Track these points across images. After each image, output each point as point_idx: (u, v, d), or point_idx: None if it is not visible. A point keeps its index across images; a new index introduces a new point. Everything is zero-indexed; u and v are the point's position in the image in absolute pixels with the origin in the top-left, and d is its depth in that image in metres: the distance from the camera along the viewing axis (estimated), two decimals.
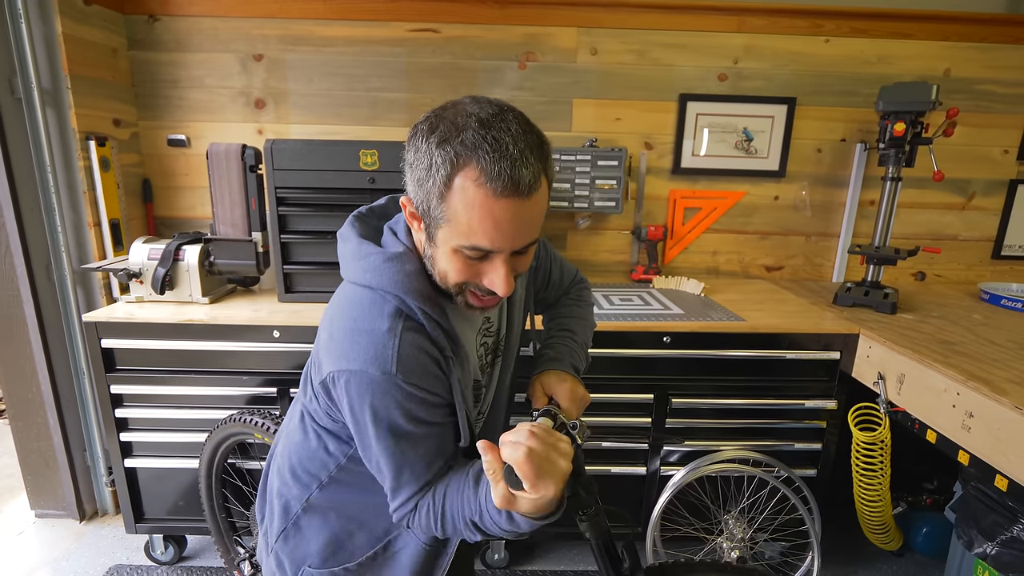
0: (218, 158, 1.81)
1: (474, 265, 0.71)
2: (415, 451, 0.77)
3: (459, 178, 0.64)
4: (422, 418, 0.75)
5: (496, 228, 0.65)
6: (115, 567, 1.94)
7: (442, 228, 0.69)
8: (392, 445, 0.75)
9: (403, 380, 0.71)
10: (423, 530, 0.80)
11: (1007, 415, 1.19)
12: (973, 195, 2.32)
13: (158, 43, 2.08)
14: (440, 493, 0.78)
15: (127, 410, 1.78)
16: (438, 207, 0.67)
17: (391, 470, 0.77)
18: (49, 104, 1.84)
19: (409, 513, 0.80)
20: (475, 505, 0.75)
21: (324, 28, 2.09)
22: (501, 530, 0.74)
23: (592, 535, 0.83)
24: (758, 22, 2.12)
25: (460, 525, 0.77)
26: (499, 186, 0.63)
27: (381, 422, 0.74)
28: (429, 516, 0.78)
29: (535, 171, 0.65)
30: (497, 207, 0.64)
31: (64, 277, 1.95)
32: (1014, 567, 1.36)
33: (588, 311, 1.12)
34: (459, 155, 0.63)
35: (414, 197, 0.71)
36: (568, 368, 0.96)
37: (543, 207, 0.70)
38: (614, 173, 2.11)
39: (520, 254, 0.72)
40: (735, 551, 1.80)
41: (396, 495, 0.79)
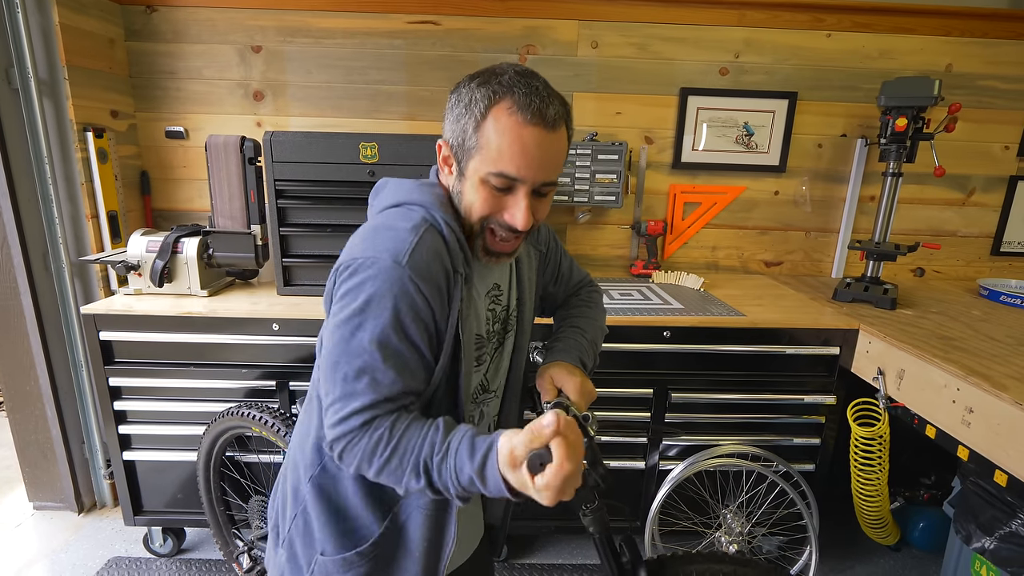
0: (217, 150, 1.80)
1: (498, 197, 0.77)
2: (386, 361, 0.73)
3: (495, 109, 0.73)
4: (409, 334, 0.74)
5: (523, 153, 0.73)
6: (114, 559, 1.94)
7: (474, 158, 0.76)
8: (367, 344, 0.72)
9: (410, 275, 0.73)
10: (356, 460, 0.74)
11: (1007, 410, 1.19)
12: (973, 191, 2.32)
13: (156, 34, 2.07)
14: (401, 425, 0.73)
15: (126, 403, 1.77)
16: (472, 136, 0.75)
17: (352, 371, 0.73)
18: (46, 95, 1.83)
19: (355, 430, 0.73)
20: (439, 448, 0.71)
21: (323, 19, 2.08)
22: (454, 482, 0.69)
23: (595, 529, 0.83)
24: (759, 16, 2.11)
25: (407, 464, 0.71)
26: (529, 114, 0.72)
27: (368, 314, 0.72)
28: (373, 442, 0.72)
29: (559, 112, 0.75)
30: (525, 132, 0.72)
31: (62, 269, 1.94)
32: (1012, 562, 1.36)
33: (599, 313, 1.12)
34: (496, 92, 0.74)
35: (450, 136, 0.79)
36: (576, 362, 0.96)
37: (564, 149, 0.78)
38: (614, 167, 2.11)
39: (540, 196, 0.79)
40: (733, 545, 1.80)
41: (346, 402, 0.73)
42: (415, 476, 0.72)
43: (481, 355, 0.89)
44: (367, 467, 0.74)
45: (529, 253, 0.99)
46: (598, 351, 1.06)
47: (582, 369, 0.96)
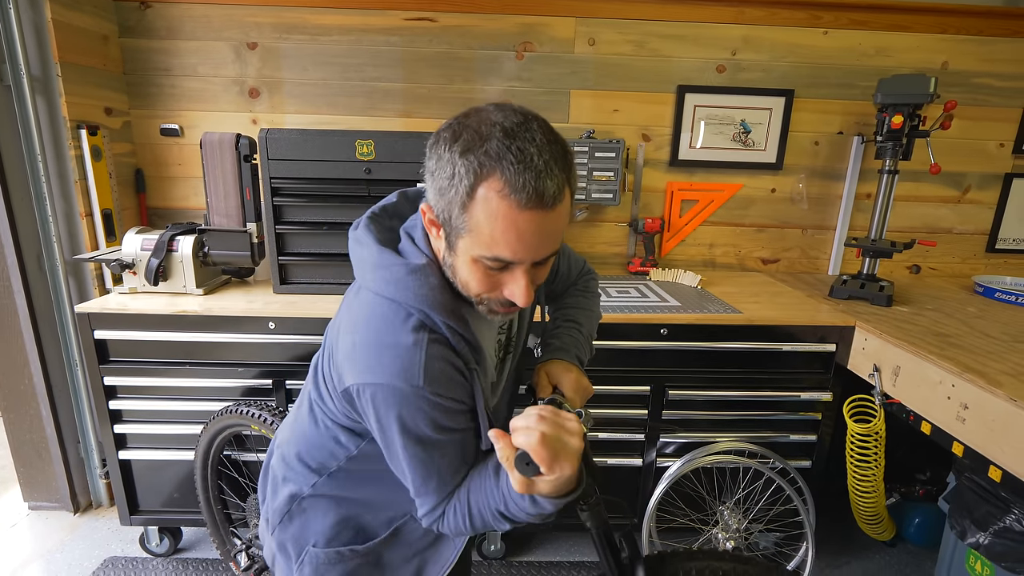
0: (212, 148, 1.79)
1: (494, 275, 0.70)
2: (443, 458, 0.78)
3: (482, 188, 0.63)
4: (448, 426, 0.76)
5: (519, 240, 0.65)
6: (110, 559, 1.93)
7: (463, 238, 0.68)
8: (420, 453, 0.76)
9: (430, 392, 0.71)
10: (453, 532, 0.81)
11: (1002, 407, 1.20)
12: (968, 188, 2.33)
13: (150, 30, 2.05)
14: (464, 493, 0.80)
15: (121, 402, 1.76)
16: (460, 216, 0.66)
17: (419, 477, 0.78)
18: (39, 92, 1.82)
19: (438, 519, 0.81)
20: (498, 495, 0.76)
21: (319, 16, 2.06)
22: (528, 515, 0.75)
23: (593, 525, 0.83)
24: (757, 13, 2.11)
25: (489, 518, 0.78)
26: (523, 198, 0.62)
27: (409, 432, 0.74)
28: (457, 517, 0.80)
29: (559, 182, 0.64)
30: (521, 219, 0.63)
31: (56, 268, 1.93)
32: (1006, 557, 1.37)
33: (595, 302, 1.12)
34: (483, 165, 0.62)
35: (435, 205, 0.69)
36: (573, 359, 0.97)
37: (566, 218, 0.69)
38: (611, 165, 2.10)
39: (540, 264, 0.72)
40: (730, 542, 1.81)
41: (424, 501, 0.81)
42: (501, 522, 0.78)
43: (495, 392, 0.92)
44: (464, 531, 0.81)
45: None
46: (593, 340, 1.07)
47: (579, 365, 0.96)
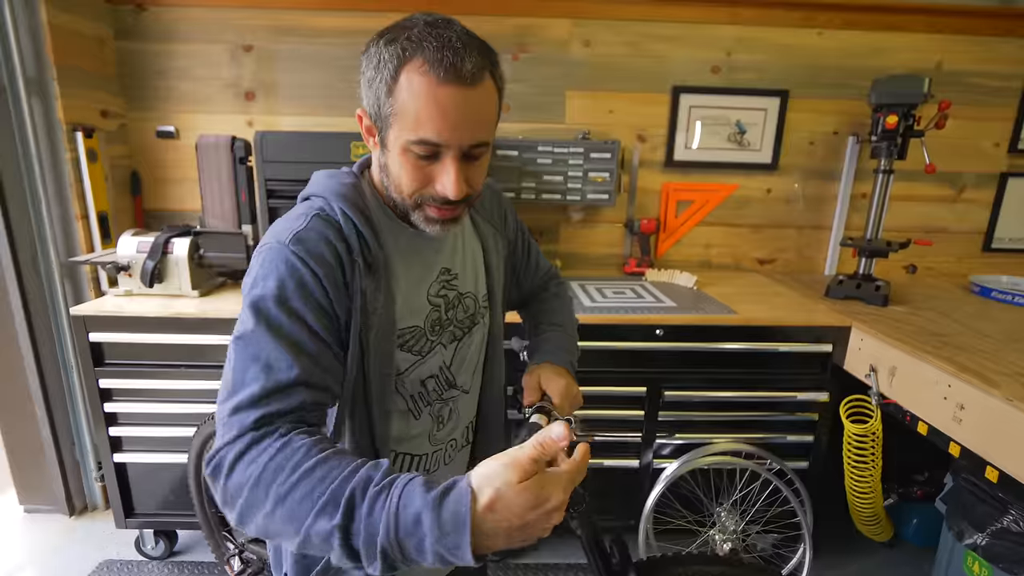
0: (207, 150, 1.79)
1: (424, 167, 0.70)
2: (276, 340, 0.63)
3: (405, 70, 0.65)
4: (299, 311, 0.66)
5: (442, 116, 0.65)
6: (105, 562, 1.92)
7: (392, 127, 0.68)
8: (252, 325, 0.64)
9: (292, 249, 0.68)
10: (246, 480, 0.57)
11: (998, 407, 1.20)
12: (964, 188, 2.33)
13: (145, 33, 2.05)
14: (322, 443, 0.59)
15: (116, 404, 1.76)
16: (386, 103, 0.67)
17: (240, 360, 0.63)
18: (35, 94, 1.81)
19: (247, 431, 0.59)
20: (379, 478, 0.54)
21: (315, 19, 2.07)
22: (388, 522, 0.51)
23: (582, 532, 0.82)
24: (751, 14, 2.12)
25: (321, 493, 0.53)
26: (441, 71, 0.64)
27: (252, 296, 0.66)
28: (289, 454, 0.56)
29: (478, 63, 0.66)
30: (441, 92, 0.64)
31: (51, 270, 1.93)
32: (1004, 557, 1.37)
33: (571, 306, 1.11)
34: (405, 49, 0.65)
35: (366, 102, 0.72)
36: (565, 363, 0.94)
37: (491, 105, 0.70)
38: (607, 166, 2.10)
39: (471, 159, 0.71)
40: (727, 543, 1.81)
41: (233, 395, 0.61)
42: (329, 513, 0.52)
43: (422, 346, 0.81)
44: (262, 496, 0.55)
45: (497, 242, 0.94)
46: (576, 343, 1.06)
47: (570, 370, 0.94)
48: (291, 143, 1.72)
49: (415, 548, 0.51)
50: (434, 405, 0.85)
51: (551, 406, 0.85)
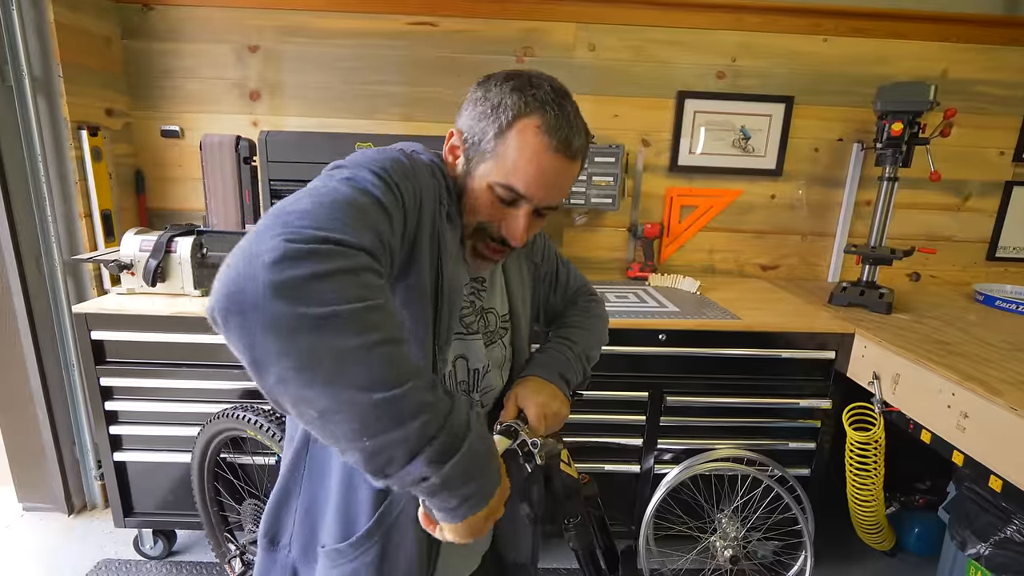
0: (212, 149, 1.79)
1: (500, 208, 0.75)
2: (379, 204, 0.59)
3: (522, 122, 0.71)
4: (394, 186, 0.62)
5: (538, 175, 0.72)
6: (104, 561, 1.92)
7: (487, 162, 0.74)
8: (347, 184, 0.58)
9: (405, 157, 0.68)
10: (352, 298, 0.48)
11: (1003, 416, 1.19)
12: (968, 196, 2.33)
13: (152, 32, 2.06)
14: (384, 289, 0.53)
15: (117, 403, 1.76)
16: (491, 140, 0.73)
17: (320, 198, 0.54)
18: (40, 92, 1.82)
19: (361, 249, 0.51)
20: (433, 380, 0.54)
21: (321, 20, 2.07)
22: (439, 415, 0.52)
23: (576, 545, 0.81)
24: (756, 20, 2.12)
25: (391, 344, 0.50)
26: (555, 139, 0.71)
27: (360, 165, 0.62)
28: (372, 289, 0.50)
29: (583, 145, 0.75)
30: (546, 158, 0.71)
31: (54, 268, 1.93)
32: (1007, 568, 1.36)
33: (595, 323, 1.05)
34: (528, 104, 0.71)
35: (467, 129, 0.76)
36: (554, 377, 0.89)
37: (575, 178, 0.77)
38: (611, 170, 2.10)
39: (539, 216, 0.78)
40: (728, 550, 1.80)
41: (313, 220, 0.51)
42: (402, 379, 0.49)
43: (469, 321, 0.84)
44: (361, 334, 0.47)
45: (521, 265, 0.95)
46: (590, 363, 0.99)
47: (558, 385, 0.89)
48: (296, 143, 1.72)
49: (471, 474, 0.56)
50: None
51: (521, 426, 0.79)
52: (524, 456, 0.78)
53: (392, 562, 0.80)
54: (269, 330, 0.45)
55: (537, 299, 1.01)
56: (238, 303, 0.45)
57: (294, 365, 0.46)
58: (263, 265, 0.45)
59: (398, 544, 0.79)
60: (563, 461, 0.82)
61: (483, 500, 0.59)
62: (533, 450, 0.77)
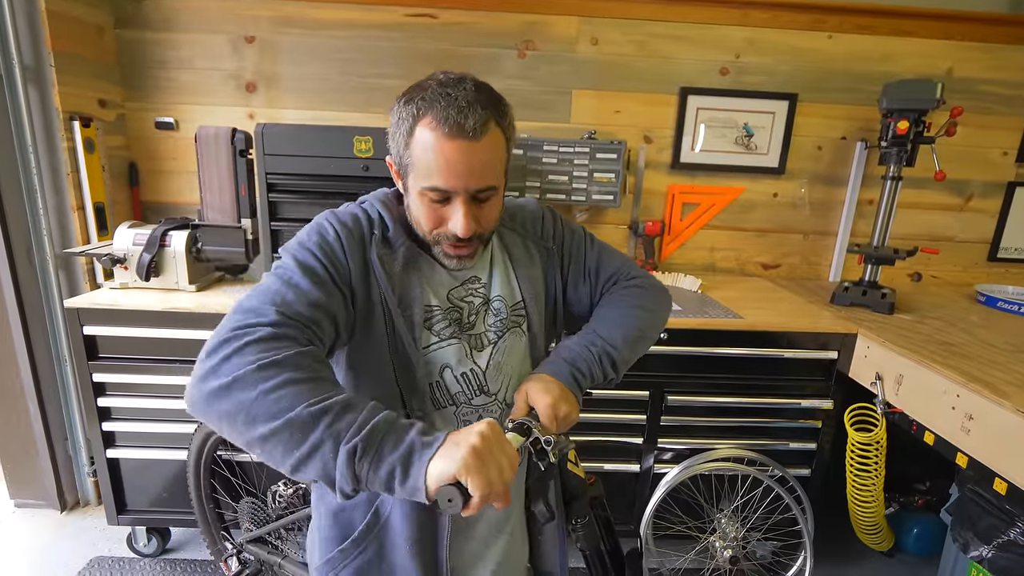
0: (207, 142, 1.76)
1: (438, 209, 0.78)
2: (300, 271, 0.74)
3: (419, 126, 0.74)
4: (320, 255, 0.77)
5: (448, 167, 0.74)
6: (96, 559, 1.89)
7: (410, 175, 0.78)
8: (285, 264, 0.76)
9: (328, 219, 0.81)
10: (257, 360, 0.63)
11: (1008, 418, 1.18)
12: (971, 196, 2.32)
13: (146, 22, 2.02)
14: (306, 354, 0.67)
15: (110, 399, 1.73)
16: (406, 154, 0.77)
17: (256, 293, 0.72)
18: (31, 82, 1.78)
19: (260, 326, 0.66)
20: (370, 411, 0.64)
21: (318, 10, 2.03)
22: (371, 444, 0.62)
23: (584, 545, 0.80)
24: (761, 16, 2.09)
25: (299, 403, 0.61)
26: (447, 127, 0.72)
27: (287, 251, 0.78)
28: (296, 357, 0.65)
29: (481, 119, 0.74)
30: (447, 147, 0.73)
31: (46, 262, 1.89)
32: (1010, 571, 1.35)
33: (627, 313, 0.95)
34: (419, 108, 0.74)
35: (393, 153, 0.81)
36: (564, 377, 0.86)
37: (497, 152, 0.78)
38: (612, 166, 2.08)
39: (480, 202, 0.79)
40: (728, 550, 1.79)
41: (258, 298, 0.71)
42: (320, 406, 0.61)
43: (442, 328, 0.84)
44: (269, 376, 0.62)
45: (530, 251, 0.95)
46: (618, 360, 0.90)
47: (569, 384, 0.85)
48: (293, 136, 1.69)
49: (398, 434, 0.63)
50: (460, 407, 0.85)
51: (531, 423, 0.78)
52: (537, 454, 0.77)
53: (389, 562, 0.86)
54: (203, 406, 0.63)
55: (552, 285, 0.96)
56: (186, 397, 0.66)
57: (226, 422, 0.63)
58: (196, 365, 0.65)
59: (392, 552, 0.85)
60: (570, 461, 0.81)
61: (428, 441, 0.63)
62: (546, 448, 0.76)
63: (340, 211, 0.84)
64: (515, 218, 0.98)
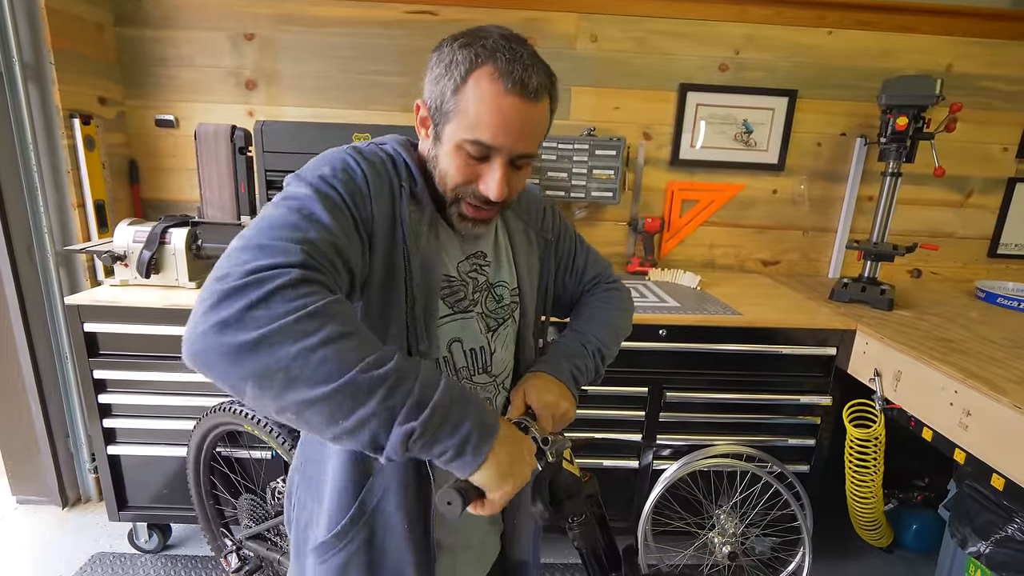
0: (207, 139, 1.77)
1: (473, 166, 0.74)
2: (322, 205, 0.64)
3: (476, 74, 0.69)
4: (343, 190, 0.68)
5: (502, 122, 0.70)
6: (98, 555, 1.90)
7: (451, 123, 0.72)
8: (300, 192, 0.66)
9: (353, 156, 0.72)
10: (296, 309, 0.54)
11: (1006, 414, 1.18)
12: (971, 193, 2.31)
13: (146, 19, 2.02)
14: (341, 302, 0.59)
15: (111, 396, 1.74)
16: (451, 100, 0.71)
17: (267, 226, 0.62)
18: (32, 79, 1.78)
19: (295, 265, 0.57)
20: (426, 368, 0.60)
21: (318, 8, 2.03)
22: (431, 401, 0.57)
23: (580, 544, 0.80)
24: (761, 12, 2.09)
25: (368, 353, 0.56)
26: (510, 82, 0.68)
27: (300, 179, 0.69)
28: (334, 308, 0.56)
29: (543, 83, 0.71)
30: (506, 102, 0.69)
31: (47, 259, 1.90)
32: (1008, 567, 1.36)
33: (615, 316, 1.00)
34: (479, 55, 0.69)
35: (428, 96, 0.75)
36: (564, 376, 0.87)
37: (546, 121, 0.76)
38: (612, 163, 2.08)
39: (516, 168, 0.75)
40: (726, 546, 1.79)
41: (274, 233, 0.60)
42: (376, 366, 0.55)
43: (458, 300, 0.81)
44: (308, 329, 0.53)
45: (530, 238, 0.94)
46: (605, 361, 0.96)
47: (567, 383, 0.87)
48: (292, 133, 1.70)
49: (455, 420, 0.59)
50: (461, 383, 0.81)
51: (529, 422, 0.78)
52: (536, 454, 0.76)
53: (379, 552, 0.82)
54: (225, 363, 0.53)
55: (547, 275, 0.97)
56: (193, 351, 0.54)
57: (255, 383, 0.53)
58: (202, 313, 0.54)
59: (384, 534, 0.81)
60: (564, 459, 0.81)
61: (486, 435, 0.61)
62: (544, 447, 0.76)
63: (364, 148, 0.75)
64: (520, 202, 0.95)
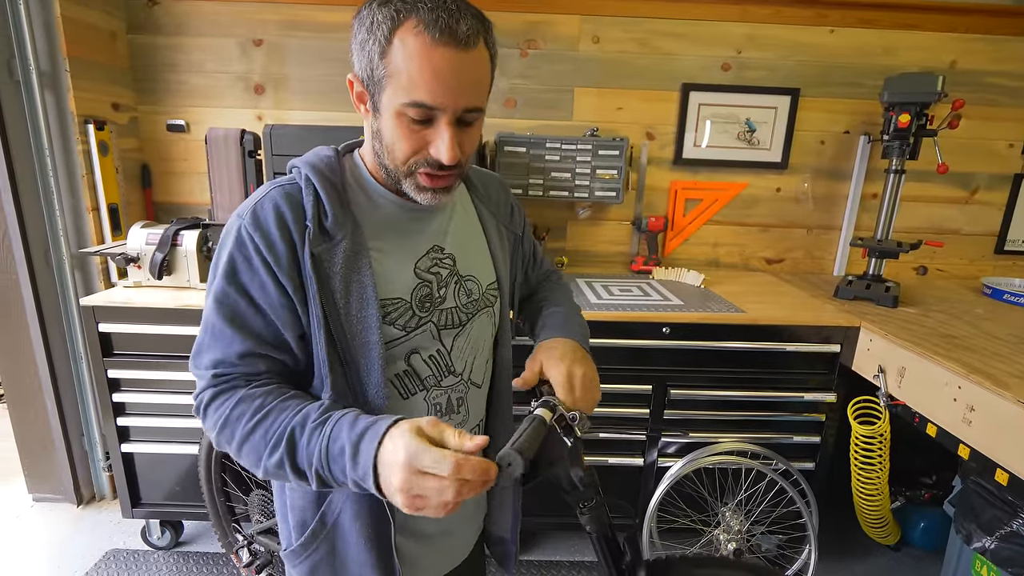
0: (217, 143, 1.80)
1: (419, 132, 0.69)
2: (223, 318, 0.71)
3: (400, 31, 0.65)
4: (242, 282, 0.71)
5: (436, 78, 0.65)
6: (112, 551, 1.94)
7: (385, 90, 0.68)
8: (209, 303, 0.73)
9: (245, 224, 0.71)
10: (217, 423, 0.71)
11: (1009, 409, 1.18)
12: (976, 189, 2.30)
13: (157, 27, 2.07)
14: (277, 393, 0.71)
15: (125, 395, 1.77)
16: (380, 65, 0.67)
17: (204, 322, 0.74)
18: (48, 87, 1.83)
19: (207, 387, 0.73)
20: (316, 416, 0.67)
21: (326, 13, 2.07)
22: (320, 454, 0.65)
23: (592, 528, 0.80)
24: (762, 11, 2.10)
25: (273, 434, 0.67)
26: (436, 32, 0.64)
27: (213, 273, 0.73)
28: (246, 406, 0.70)
29: (474, 27, 0.66)
30: (436, 55, 0.64)
31: (62, 261, 1.95)
32: (1013, 562, 1.35)
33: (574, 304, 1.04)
34: (399, 11, 0.65)
35: (358, 67, 0.70)
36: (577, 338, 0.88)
37: (485, 69, 0.70)
38: (615, 163, 2.09)
39: (464, 125, 0.71)
40: (732, 543, 1.79)
41: (197, 358, 0.74)
42: (275, 448, 0.67)
43: (407, 320, 0.78)
44: (229, 436, 0.70)
45: (501, 234, 0.93)
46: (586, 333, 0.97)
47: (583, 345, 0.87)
48: (300, 137, 1.73)
49: (340, 472, 0.64)
50: (430, 391, 0.82)
51: (558, 400, 0.77)
52: (563, 430, 0.74)
53: (343, 559, 0.83)
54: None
55: (515, 270, 0.98)
56: None
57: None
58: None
59: (346, 543, 0.82)
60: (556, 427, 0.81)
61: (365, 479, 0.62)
62: (572, 424, 0.75)
63: (258, 208, 0.72)
64: (489, 195, 0.94)
